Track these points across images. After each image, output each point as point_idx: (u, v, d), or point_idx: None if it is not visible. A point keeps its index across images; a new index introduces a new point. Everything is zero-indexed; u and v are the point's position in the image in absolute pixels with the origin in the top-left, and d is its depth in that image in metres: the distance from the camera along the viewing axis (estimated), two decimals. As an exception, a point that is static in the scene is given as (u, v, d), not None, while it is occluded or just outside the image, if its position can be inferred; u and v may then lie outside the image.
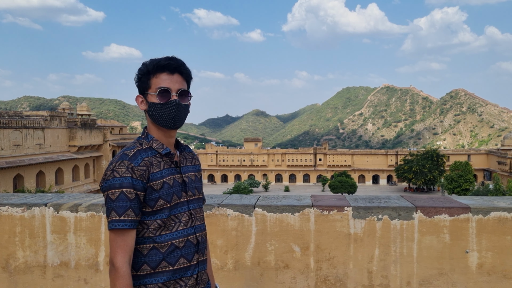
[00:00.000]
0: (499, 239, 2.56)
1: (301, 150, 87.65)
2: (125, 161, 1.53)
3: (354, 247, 2.65)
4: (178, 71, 1.63)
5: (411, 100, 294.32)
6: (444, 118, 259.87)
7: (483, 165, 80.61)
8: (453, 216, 2.59)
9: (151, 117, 1.63)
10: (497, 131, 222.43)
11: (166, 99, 1.60)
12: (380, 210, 2.63)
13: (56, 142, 44.94)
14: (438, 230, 2.60)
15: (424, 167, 70.49)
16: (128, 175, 1.51)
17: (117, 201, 1.50)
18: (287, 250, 2.67)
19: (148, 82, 1.61)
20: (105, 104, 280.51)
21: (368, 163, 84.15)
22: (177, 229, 1.60)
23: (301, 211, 2.66)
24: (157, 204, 1.56)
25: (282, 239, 2.67)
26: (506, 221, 2.56)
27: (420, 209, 2.61)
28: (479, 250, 2.58)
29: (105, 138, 52.55)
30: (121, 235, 1.49)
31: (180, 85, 1.63)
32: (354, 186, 62.99)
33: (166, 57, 1.62)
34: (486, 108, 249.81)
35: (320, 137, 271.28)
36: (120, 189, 1.50)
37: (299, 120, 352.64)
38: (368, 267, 2.65)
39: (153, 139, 1.63)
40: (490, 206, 2.58)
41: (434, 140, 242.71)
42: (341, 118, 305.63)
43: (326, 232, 2.66)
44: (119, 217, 1.49)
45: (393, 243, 2.63)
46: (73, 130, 47.21)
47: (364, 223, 2.64)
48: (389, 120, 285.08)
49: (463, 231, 2.58)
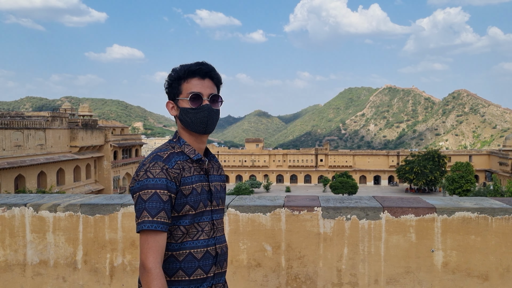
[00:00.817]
0: (464, 238, 2.64)
1: (302, 151, 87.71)
2: (160, 162, 1.52)
3: (324, 246, 2.73)
4: (209, 76, 1.64)
5: (413, 100, 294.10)
6: (446, 119, 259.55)
7: (485, 166, 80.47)
8: (419, 216, 2.67)
9: (183, 122, 1.63)
10: (499, 132, 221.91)
11: (198, 104, 1.60)
12: (348, 210, 2.71)
13: (58, 142, 45.11)
14: (405, 229, 2.68)
15: (425, 168, 70.46)
16: (163, 176, 1.49)
17: (150, 201, 1.46)
18: (259, 249, 2.75)
19: (179, 87, 1.62)
20: (107, 104, 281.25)
21: (369, 163, 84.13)
22: (197, 238, 1.58)
23: (272, 211, 2.74)
24: (183, 209, 1.54)
25: (254, 239, 2.75)
26: (470, 221, 2.63)
27: (387, 209, 2.69)
28: (444, 249, 2.66)
29: (107, 138, 52.67)
30: (153, 236, 1.45)
31: (211, 90, 1.63)
32: (355, 186, 63.01)
33: (196, 63, 1.63)
34: (488, 108, 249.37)
35: (322, 137, 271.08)
36: (153, 189, 1.47)
37: (301, 121, 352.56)
38: (337, 266, 2.73)
39: (185, 144, 1.63)
40: (454, 207, 2.66)
41: (436, 141, 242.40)
42: (343, 118, 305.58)
43: (297, 231, 2.74)
44: (152, 218, 1.45)
45: (361, 242, 2.71)
46: (75, 131, 47.37)
47: (333, 222, 2.72)
48: (391, 120, 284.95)
49: (428, 231, 2.66)
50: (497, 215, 2.61)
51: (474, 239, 2.63)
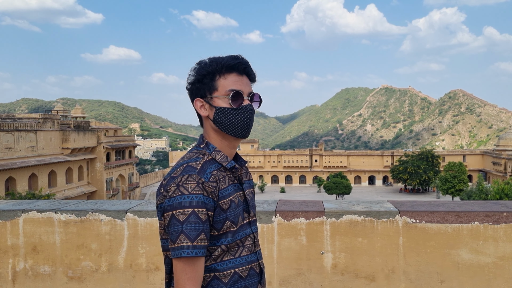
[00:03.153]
0: (351, 241, 2.73)
1: (297, 151, 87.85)
2: (194, 175, 1.32)
3: (219, 249, 2.81)
4: (246, 73, 1.45)
5: (410, 100, 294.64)
6: (442, 119, 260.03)
7: (479, 165, 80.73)
8: (309, 220, 2.75)
9: (218, 124, 1.42)
10: (495, 132, 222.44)
11: (239, 103, 1.41)
12: (242, 215, 2.79)
13: (49, 144, 45.10)
14: (296, 232, 2.77)
15: (419, 168, 70.61)
16: (200, 192, 1.30)
17: (187, 223, 1.27)
18: (158, 253, 2.83)
19: (213, 83, 1.41)
20: (104, 106, 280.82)
21: (364, 164, 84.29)
22: (240, 255, 1.41)
23: (169, 215, 2.82)
24: (224, 226, 1.36)
25: (152, 243, 2.84)
26: (357, 224, 2.72)
27: (279, 213, 2.77)
28: (333, 251, 2.75)
29: (99, 140, 52.67)
30: (192, 264, 1.28)
31: (249, 88, 1.45)
32: (348, 187, 63.12)
33: (232, 56, 1.44)
34: (484, 108, 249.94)
35: (319, 138, 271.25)
36: (190, 208, 1.28)
37: (298, 121, 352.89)
38: (232, 268, 2.81)
39: (216, 150, 1.43)
40: (343, 210, 2.74)
41: (433, 141, 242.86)
42: (340, 119, 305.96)
43: (193, 235, 2.82)
44: (192, 243, 1.26)
45: (270, 243, 2.79)
46: (66, 133, 47.36)
47: (228, 226, 2.80)
48: (388, 121, 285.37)
49: (318, 233, 2.75)
50: (382, 218, 2.71)
51: (361, 241, 2.72)
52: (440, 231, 2.66)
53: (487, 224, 2.63)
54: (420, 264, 2.68)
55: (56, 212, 2.86)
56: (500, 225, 2.62)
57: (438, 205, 2.80)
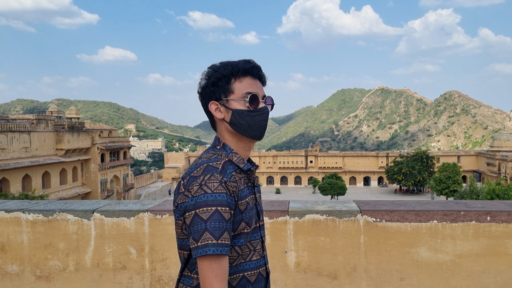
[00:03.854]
0: (314, 240, 2.78)
1: (292, 152, 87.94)
2: (216, 175, 1.33)
3: (185, 248, 2.85)
4: (259, 76, 1.49)
5: (406, 102, 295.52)
6: (438, 120, 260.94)
7: (473, 166, 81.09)
8: (273, 219, 2.80)
9: (235, 126, 1.43)
10: (490, 133, 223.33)
11: (255, 105, 1.44)
12: (207, 214, 2.84)
13: (43, 145, 44.96)
14: (260, 232, 2.81)
15: (413, 169, 70.83)
16: (223, 191, 1.30)
17: (211, 221, 1.27)
18: (124, 252, 2.87)
19: (229, 86, 1.43)
20: (99, 107, 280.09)
21: (359, 165, 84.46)
22: (250, 259, 1.42)
23: (136, 215, 2.86)
24: (239, 227, 1.37)
25: (119, 242, 2.87)
26: (320, 223, 2.77)
27: (244, 213, 2.82)
28: (296, 250, 2.79)
29: (94, 141, 52.54)
30: (218, 261, 1.26)
31: (263, 91, 1.49)
32: (343, 188, 63.22)
33: (245, 60, 1.47)
34: (479, 109, 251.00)
35: (316, 139, 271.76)
36: (213, 207, 1.28)
37: (295, 122, 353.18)
38: (198, 267, 2.85)
39: (232, 152, 1.45)
40: (306, 210, 2.79)
41: (428, 142, 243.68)
42: (336, 120, 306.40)
43: (160, 234, 2.86)
44: (217, 241, 1.26)
45: (220, 244, 2.83)
46: (60, 134, 47.23)
47: (193, 226, 2.84)
48: (384, 122, 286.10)
49: (282, 232, 2.80)
50: (344, 217, 2.75)
51: (324, 240, 2.77)
52: (400, 230, 2.71)
53: (445, 223, 2.68)
54: (380, 262, 2.73)
55: (24, 212, 2.89)
56: (458, 223, 2.67)
57: (399, 204, 2.85)
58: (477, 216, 2.66)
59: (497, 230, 2.65)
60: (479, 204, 2.85)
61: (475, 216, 2.66)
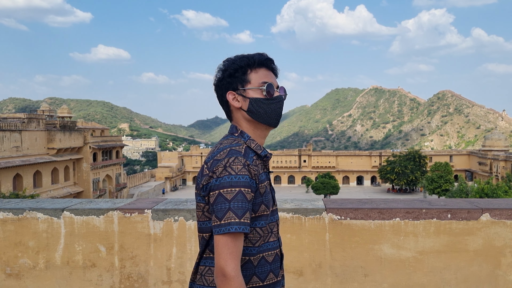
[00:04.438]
0: (281, 237, 2.81)
1: (286, 152, 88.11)
2: (240, 158, 1.40)
3: (154, 246, 2.89)
4: (271, 68, 1.58)
5: (399, 101, 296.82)
6: (431, 119, 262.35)
7: (465, 165, 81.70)
8: (240, 217, 2.84)
9: (253, 114, 1.51)
10: (483, 132, 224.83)
11: (271, 94, 1.52)
12: (176, 212, 2.88)
13: (34, 144, 44.72)
14: (228, 230, 2.85)
15: (406, 168, 71.21)
16: (246, 173, 1.37)
17: (235, 201, 1.34)
18: (94, 250, 2.91)
19: (246, 77, 1.52)
20: (92, 105, 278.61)
21: (352, 164, 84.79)
22: (268, 240, 1.50)
23: (105, 213, 2.90)
24: (260, 209, 1.44)
25: (89, 240, 2.91)
26: (286, 221, 2.82)
27: (212, 211, 2.86)
28: (263, 248, 2.84)
29: (86, 140, 52.32)
30: (235, 240, 1.33)
31: (276, 81, 1.58)
32: (336, 187, 63.42)
33: (260, 53, 1.57)
34: (472, 109, 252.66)
35: (310, 138, 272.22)
36: (237, 187, 1.35)
37: (289, 122, 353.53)
38: (167, 265, 2.89)
39: (250, 139, 1.52)
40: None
41: (422, 141, 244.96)
42: (330, 119, 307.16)
43: (129, 233, 2.90)
44: (239, 219, 1.33)
45: (189, 242, 2.88)
46: (52, 133, 46.98)
47: (162, 224, 2.89)
48: (378, 121, 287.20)
49: (249, 231, 2.84)
50: (309, 215, 2.81)
51: (290, 237, 2.82)
52: (364, 227, 2.77)
53: (408, 221, 2.74)
54: (345, 259, 2.79)
55: (-6, 211, 2.91)
56: (420, 221, 2.73)
57: (365, 202, 2.91)
58: (438, 213, 2.72)
59: (457, 227, 2.71)
60: (442, 202, 2.91)
61: (436, 213, 2.73)
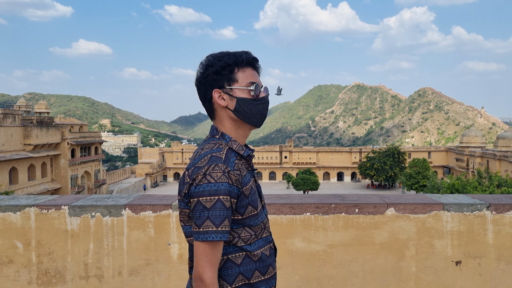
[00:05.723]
0: (196, 233, 2.88)
1: (267, 148, 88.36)
2: (220, 165, 1.40)
3: (72, 242, 2.92)
4: (256, 68, 1.57)
5: (381, 98, 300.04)
6: (412, 116, 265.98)
7: (443, 162, 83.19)
8: (157, 213, 2.89)
9: (239, 113, 1.51)
10: (462, 129, 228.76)
11: (258, 95, 1.52)
12: (93, 208, 2.91)
13: (10, 140, 43.88)
14: (144, 225, 2.90)
15: (385, 164, 72.15)
16: (225, 181, 1.38)
17: (213, 209, 1.36)
18: (11, 247, 2.92)
19: (233, 75, 1.50)
20: (73, 101, 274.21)
21: (332, 160, 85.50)
22: (262, 236, 1.54)
23: (22, 210, 2.91)
24: (247, 211, 1.47)
25: (6, 236, 2.91)
26: (201, 217, 2.87)
27: (128, 207, 2.90)
28: (179, 242, 2.90)
29: (63, 136, 51.56)
30: (213, 248, 1.37)
31: (261, 81, 1.56)
32: (316, 183, 63.90)
33: (245, 52, 1.54)
34: (452, 106, 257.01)
35: (292, 134, 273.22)
36: (216, 196, 1.36)
37: (272, 118, 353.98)
38: (84, 260, 2.92)
39: (232, 140, 1.52)
40: (188, 204, 2.89)
41: (403, 138, 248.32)
42: (312, 115, 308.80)
43: (46, 229, 2.92)
44: (217, 228, 1.36)
45: (106, 237, 2.91)
46: (28, 128, 46.16)
47: (79, 220, 2.91)
48: (360, 118, 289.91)
49: (165, 226, 2.89)
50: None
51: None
52: (277, 222, 2.84)
53: (318, 215, 2.83)
54: (258, 253, 2.85)
55: None
56: (329, 215, 2.82)
57: (277, 197, 2.98)
58: (347, 208, 2.82)
59: (365, 221, 2.81)
60: (354, 197, 3.00)
61: (345, 208, 2.82)
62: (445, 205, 2.76)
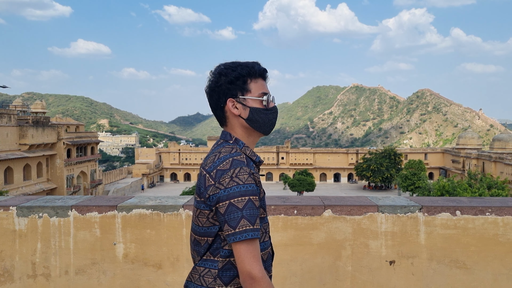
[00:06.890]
0: (141, 232, 2.96)
1: (264, 149, 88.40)
2: (245, 168, 1.47)
3: (20, 242, 2.99)
4: (265, 78, 1.65)
5: (379, 99, 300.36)
6: (410, 117, 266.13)
7: (439, 163, 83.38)
8: (102, 213, 2.97)
9: (252, 122, 1.59)
10: (460, 130, 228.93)
11: (269, 105, 1.60)
12: (41, 209, 2.99)
13: (5, 140, 43.91)
14: (90, 225, 2.98)
15: (382, 166, 72.28)
16: (252, 182, 1.46)
17: (246, 209, 1.42)
18: (-38, 245, 2.99)
19: (246, 86, 1.58)
20: (71, 101, 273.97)
21: (329, 161, 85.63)
22: (263, 240, 1.59)
23: (-29, 210, 2.98)
24: (260, 213, 1.52)
25: (-44, 235, 2.99)
26: (146, 217, 2.95)
27: (75, 208, 2.98)
28: (124, 242, 2.97)
29: (59, 136, 51.58)
30: (253, 244, 1.42)
31: (269, 91, 1.64)
32: (312, 184, 63.99)
33: (256, 63, 1.62)
34: (450, 108, 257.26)
35: (291, 135, 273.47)
36: (246, 196, 1.43)
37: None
38: (32, 259, 3.00)
39: (245, 146, 1.59)
40: (133, 205, 2.97)
41: (401, 139, 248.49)
42: (311, 116, 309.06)
43: (-3, 228, 2.99)
44: (253, 226, 1.42)
45: (53, 237, 2.99)
46: (24, 128, 46.19)
47: (27, 220, 2.99)
48: (358, 119, 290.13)
49: (111, 226, 2.97)
50: (168, 211, 2.95)
51: (150, 232, 2.96)
52: (218, 223, 2.92)
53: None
54: (201, 253, 2.93)
55: None
56: (269, 217, 2.89)
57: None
58: (286, 210, 2.90)
59: (303, 222, 2.89)
60: (297, 199, 3.08)
61: (284, 210, 2.90)
62: (380, 207, 2.84)
